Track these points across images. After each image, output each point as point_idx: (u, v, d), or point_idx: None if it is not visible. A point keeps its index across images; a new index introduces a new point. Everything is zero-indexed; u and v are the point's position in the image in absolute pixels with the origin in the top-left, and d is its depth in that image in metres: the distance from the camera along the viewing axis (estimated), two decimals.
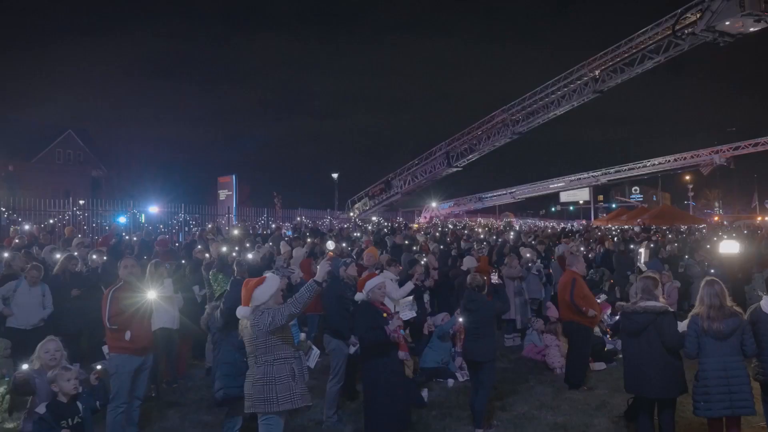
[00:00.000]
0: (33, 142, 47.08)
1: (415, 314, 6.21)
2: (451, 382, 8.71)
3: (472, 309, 6.80)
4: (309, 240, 13.13)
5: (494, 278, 7.19)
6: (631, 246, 14.51)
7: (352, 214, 38.96)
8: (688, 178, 61.84)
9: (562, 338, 9.78)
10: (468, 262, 10.52)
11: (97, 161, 53.17)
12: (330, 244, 11.37)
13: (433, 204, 45.40)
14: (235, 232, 8.71)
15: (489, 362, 6.76)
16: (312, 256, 12.57)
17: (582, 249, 13.50)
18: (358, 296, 6.06)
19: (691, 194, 62.41)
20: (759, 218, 43.16)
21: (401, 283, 9.05)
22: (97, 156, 53.49)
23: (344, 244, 13.84)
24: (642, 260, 9.41)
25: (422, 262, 12.64)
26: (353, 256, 11.31)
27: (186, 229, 21.73)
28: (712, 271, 13.66)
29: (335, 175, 38.85)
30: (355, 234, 18.12)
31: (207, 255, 9.80)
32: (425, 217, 42.67)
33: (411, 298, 6.46)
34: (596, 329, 9.62)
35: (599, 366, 9.42)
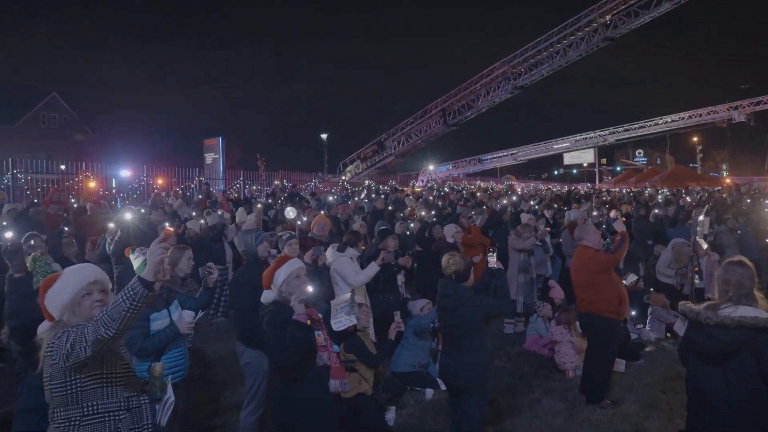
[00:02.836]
0: (17, 105, 45.64)
1: (354, 321, 4.02)
2: (429, 393, 6.51)
3: (448, 308, 4.57)
4: (259, 206, 10.79)
5: (491, 260, 4.90)
6: (656, 211, 12.25)
7: (343, 177, 36.72)
8: (695, 139, 59.29)
9: (575, 331, 7.60)
10: (450, 231, 8.23)
11: (82, 124, 51.44)
12: (290, 212, 9.01)
13: (431, 167, 43.31)
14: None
15: (476, 387, 4.53)
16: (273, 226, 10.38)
17: (595, 213, 11.23)
18: (266, 295, 3.82)
19: (700, 156, 59.76)
20: None
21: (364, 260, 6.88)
22: (84, 119, 51.83)
23: (322, 211, 11.56)
24: (703, 232, 7.12)
25: (408, 232, 10.54)
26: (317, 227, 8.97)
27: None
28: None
29: (324, 136, 36.34)
30: (330, 198, 15.78)
31: (111, 225, 7.53)
32: (422, 181, 40.46)
33: (348, 296, 4.19)
34: None
35: (620, 366, 7.21)
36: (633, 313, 8.92)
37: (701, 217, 7.49)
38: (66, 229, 9.43)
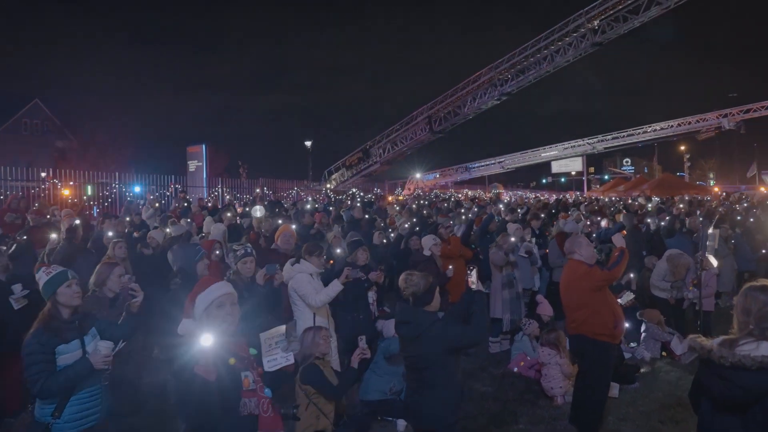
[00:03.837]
0: None
1: (291, 360, 3.29)
2: (401, 425, 5.78)
3: (406, 336, 3.87)
4: (229, 214, 10.06)
5: (471, 279, 4.16)
6: (648, 220, 11.63)
7: (328, 185, 36.07)
8: (683, 148, 59.26)
9: (564, 352, 6.92)
10: (427, 243, 7.53)
11: (65, 131, 50.78)
12: (257, 210, 8.17)
13: (417, 175, 42.84)
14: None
15: (444, 430, 3.80)
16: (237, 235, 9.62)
17: (588, 222, 10.57)
18: (184, 326, 3.10)
19: (687, 164, 59.65)
20: (763, 188, 40.39)
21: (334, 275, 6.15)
22: (66, 126, 51.07)
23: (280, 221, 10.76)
24: (714, 247, 6.36)
25: (385, 240, 9.86)
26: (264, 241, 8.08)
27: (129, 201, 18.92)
28: None
29: (308, 144, 35.59)
30: (308, 207, 15.04)
31: (53, 236, 6.80)
32: (409, 189, 39.91)
33: (283, 329, 3.43)
34: None
35: (614, 390, 6.52)
36: (627, 325, 8.27)
37: (711, 230, 6.76)
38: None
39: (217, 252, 7.18)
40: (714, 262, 6.36)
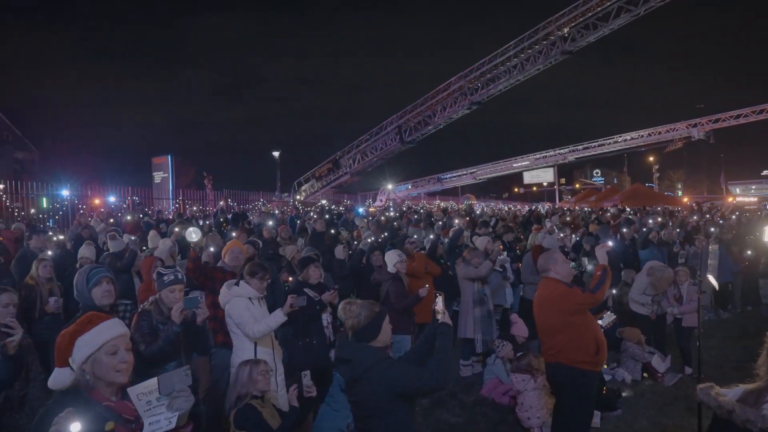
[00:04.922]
0: None
1: (173, 425, 2.47)
2: None
3: (346, 376, 3.20)
4: (177, 230, 9.26)
5: (437, 305, 3.48)
6: (624, 230, 11.13)
7: (298, 197, 35.28)
8: (651, 159, 59.86)
9: (541, 374, 6.29)
10: (391, 259, 6.84)
11: (26, 142, 49.42)
12: (192, 233, 7.39)
13: (389, 186, 42.31)
14: None
15: None
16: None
17: (562, 235, 10.00)
18: (57, 377, 2.38)
19: (656, 175, 60.26)
20: (731, 199, 40.73)
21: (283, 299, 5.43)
22: (28, 137, 49.80)
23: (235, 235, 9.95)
24: (715, 267, 5.69)
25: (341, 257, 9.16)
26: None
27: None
28: None
29: (276, 154, 34.70)
30: (270, 222, 14.23)
31: None
32: (381, 200, 39.33)
33: (155, 382, 2.53)
34: None
35: (595, 419, 5.90)
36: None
37: (711, 247, 6.11)
38: None
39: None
40: (715, 283, 5.76)
